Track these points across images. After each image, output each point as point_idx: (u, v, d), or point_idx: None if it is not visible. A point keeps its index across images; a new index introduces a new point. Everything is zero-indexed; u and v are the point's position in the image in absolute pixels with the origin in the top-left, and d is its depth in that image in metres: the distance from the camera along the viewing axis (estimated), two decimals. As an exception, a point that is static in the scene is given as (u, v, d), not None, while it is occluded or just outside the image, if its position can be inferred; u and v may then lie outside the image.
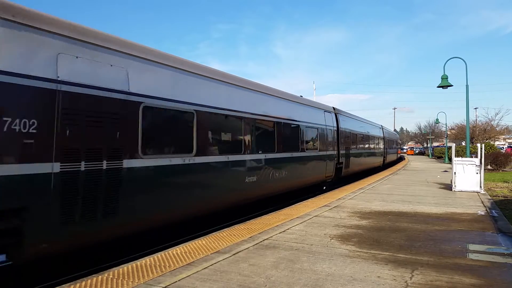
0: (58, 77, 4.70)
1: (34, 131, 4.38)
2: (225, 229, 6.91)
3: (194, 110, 7.06)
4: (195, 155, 7.00)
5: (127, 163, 5.54)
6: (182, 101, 6.82)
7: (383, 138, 29.04)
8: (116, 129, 5.39)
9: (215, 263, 4.82)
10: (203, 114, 7.29)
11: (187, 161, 6.80)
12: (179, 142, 6.93)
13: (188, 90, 7.08)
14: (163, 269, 4.54)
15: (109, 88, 5.35)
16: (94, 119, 5.09)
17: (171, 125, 6.83)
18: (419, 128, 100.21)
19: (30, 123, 4.35)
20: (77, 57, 4.99)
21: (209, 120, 7.55)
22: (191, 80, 7.26)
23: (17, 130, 4.21)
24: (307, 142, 12.69)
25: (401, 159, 46.73)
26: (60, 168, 4.62)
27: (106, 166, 5.20)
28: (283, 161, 10.76)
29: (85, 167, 4.90)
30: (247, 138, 9.01)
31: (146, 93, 5.99)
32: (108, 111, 5.30)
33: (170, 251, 5.38)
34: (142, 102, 5.88)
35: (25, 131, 4.29)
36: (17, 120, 4.22)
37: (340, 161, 16.00)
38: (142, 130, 5.83)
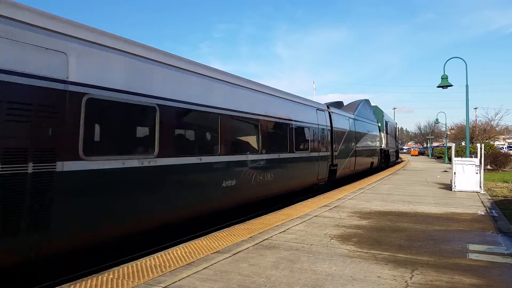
0: None
1: None
2: (225, 229, 6.91)
3: (157, 104, 6.13)
4: (157, 157, 6.08)
5: (63, 166, 4.62)
6: (141, 93, 5.87)
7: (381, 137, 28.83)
8: (48, 125, 4.50)
9: (215, 263, 4.82)
10: (168, 109, 6.35)
11: (146, 163, 5.87)
12: (135, 141, 6.07)
13: (149, 81, 6.12)
14: (163, 269, 4.54)
15: (40, 75, 4.42)
16: (18, 112, 4.21)
17: (125, 122, 5.83)
18: (419, 128, 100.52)
19: None
20: None
21: (177, 117, 6.66)
22: (153, 70, 6.26)
23: None
24: (297, 142, 11.66)
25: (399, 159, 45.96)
26: None
27: (33, 169, 4.28)
28: (268, 163, 9.79)
29: (2, 170, 4.01)
30: (224, 137, 7.96)
31: (91, 83, 5.07)
32: (37, 103, 4.40)
33: (170, 251, 5.38)
34: (86, 94, 4.97)
35: None
36: None
37: (334, 162, 15.17)
38: (85, 126, 4.94)
